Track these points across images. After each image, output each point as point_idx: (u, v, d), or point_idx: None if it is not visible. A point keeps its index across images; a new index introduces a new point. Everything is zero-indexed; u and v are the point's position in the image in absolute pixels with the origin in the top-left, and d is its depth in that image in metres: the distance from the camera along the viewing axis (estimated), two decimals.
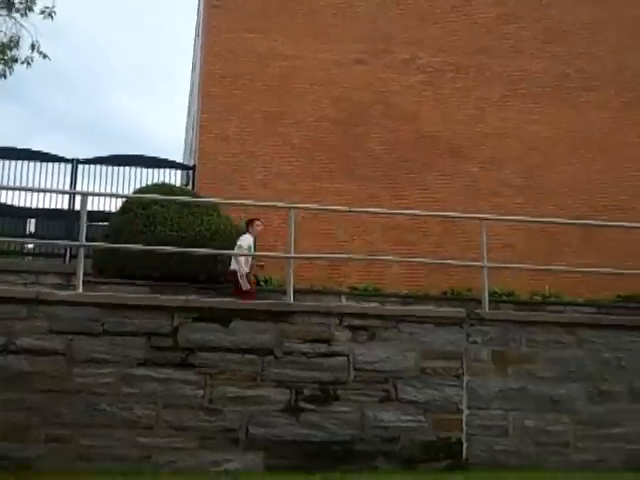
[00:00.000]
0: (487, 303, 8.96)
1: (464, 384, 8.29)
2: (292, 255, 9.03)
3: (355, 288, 13.87)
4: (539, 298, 13.54)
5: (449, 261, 12.68)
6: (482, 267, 9.21)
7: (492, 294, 13.26)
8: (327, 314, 8.30)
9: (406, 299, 12.95)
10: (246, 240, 11.65)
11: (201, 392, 7.74)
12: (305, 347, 8.12)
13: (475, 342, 8.46)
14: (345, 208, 12.62)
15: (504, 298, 12.92)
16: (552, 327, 8.62)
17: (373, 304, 11.65)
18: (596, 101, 16.26)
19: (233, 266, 11.60)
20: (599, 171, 15.89)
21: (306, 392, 7.95)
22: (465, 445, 8.11)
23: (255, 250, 11.71)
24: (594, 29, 16.79)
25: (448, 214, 12.83)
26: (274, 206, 12.29)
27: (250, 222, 11.94)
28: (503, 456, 8.15)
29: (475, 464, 8.02)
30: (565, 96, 16.37)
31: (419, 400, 8.14)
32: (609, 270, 12.20)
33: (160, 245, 11.17)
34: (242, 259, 11.48)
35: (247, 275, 11.55)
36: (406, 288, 14.16)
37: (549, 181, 15.87)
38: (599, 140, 16.06)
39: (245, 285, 11.40)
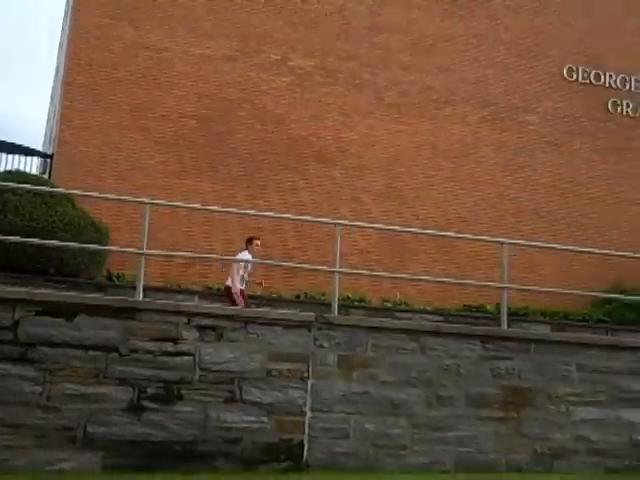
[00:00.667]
0: (336, 308, 9.12)
1: (309, 387, 8.41)
2: (144, 251, 8.91)
3: (210, 288, 13.81)
4: (390, 305, 13.89)
5: (302, 265, 12.83)
6: (333, 272, 9.37)
7: (345, 299, 13.57)
8: (175, 313, 8.24)
9: (260, 301, 13.01)
10: (243, 258, 11.60)
11: (39, 389, 7.51)
12: (151, 345, 8.03)
13: (322, 346, 8.59)
14: (198, 206, 12.53)
15: (356, 304, 13.19)
16: (397, 333, 8.86)
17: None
18: (456, 115, 16.83)
19: (228, 282, 11.63)
20: (455, 184, 16.45)
21: (150, 391, 7.86)
22: (306, 447, 8.22)
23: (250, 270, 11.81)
24: (458, 44, 17.37)
25: (301, 218, 12.97)
26: (129, 201, 12.05)
27: (249, 240, 11.85)
28: (343, 458, 8.31)
29: (315, 466, 8.14)
30: (428, 108, 16.86)
31: (263, 401, 8.20)
32: (456, 280, 12.67)
33: (11, 235, 10.76)
34: (236, 276, 11.48)
35: (242, 292, 11.54)
36: (261, 290, 14.24)
37: (409, 190, 16.31)
38: (457, 153, 16.64)
39: (238, 301, 11.36)
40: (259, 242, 11.85)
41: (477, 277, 14.28)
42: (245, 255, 11.61)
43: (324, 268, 10.93)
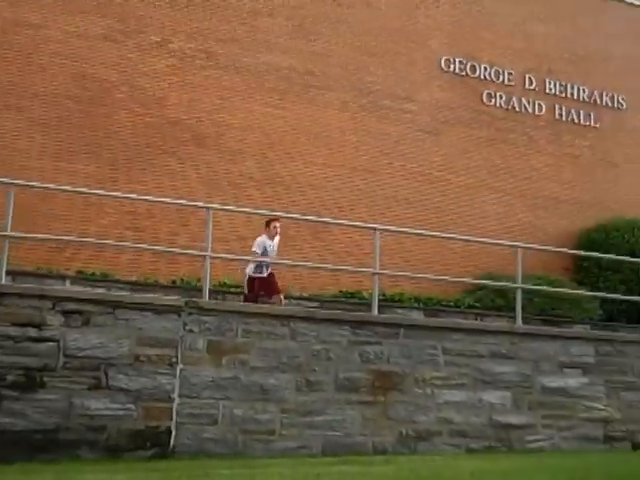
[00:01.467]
0: (207, 292, 9.08)
1: (177, 373, 8.35)
2: (8, 234, 8.64)
3: (82, 272, 13.49)
4: None
5: (175, 250, 12.69)
6: (205, 256, 9.32)
7: (222, 285, 13.52)
8: (40, 297, 8.02)
9: (134, 286, 12.80)
10: (259, 244, 11.16)
11: None
12: (14, 331, 7.80)
13: (192, 331, 8.54)
14: (68, 188, 12.17)
15: (232, 290, 13.14)
16: (267, 319, 8.90)
17: (100, 290, 11.42)
18: (336, 101, 16.95)
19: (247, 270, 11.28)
20: (332, 170, 16.58)
21: (9, 378, 7.63)
22: (174, 434, 8.16)
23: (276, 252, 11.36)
24: (339, 31, 17.46)
25: (176, 202, 12.78)
26: None
27: (268, 223, 11.34)
28: (211, 444, 8.30)
29: (182, 452, 8.10)
30: (308, 94, 16.90)
31: (130, 388, 8.09)
32: (330, 266, 12.84)
33: None
34: (251, 264, 11.16)
35: (260, 279, 11.07)
36: (136, 275, 14.01)
37: (288, 176, 16.33)
38: (336, 139, 16.76)
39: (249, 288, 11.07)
40: (278, 224, 11.33)
41: (353, 264, 14.47)
42: (263, 239, 11.22)
43: (194, 252, 10.86)
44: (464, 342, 9.89)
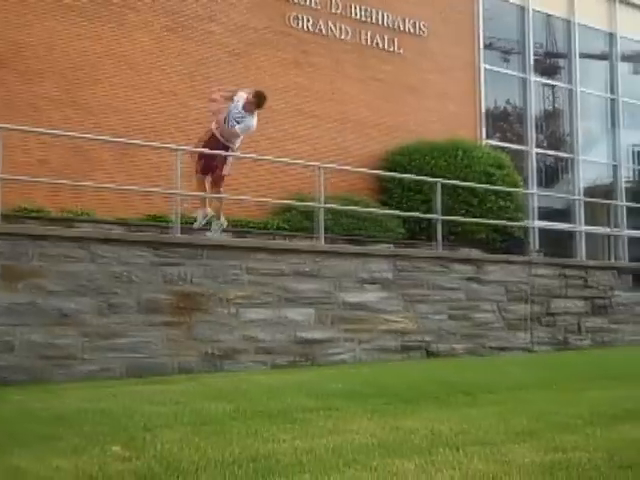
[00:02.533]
0: None
1: None
2: None
3: None
4: (70, 215, 13.46)
5: None
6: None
7: (22, 210, 12.93)
8: None
9: None
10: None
11: None
12: None
13: None
14: None
15: (34, 214, 12.62)
16: (64, 242, 8.63)
17: None
18: (140, 22, 16.35)
19: None
20: (138, 93, 16.05)
21: None
22: None
23: None
24: None
25: None
26: None
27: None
28: (7, 372, 8.02)
29: None
30: (112, 14, 16.19)
31: None
32: (140, 189, 12.61)
33: None
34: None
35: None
36: None
37: (92, 99, 15.69)
38: (142, 62, 16.22)
39: None
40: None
41: (163, 187, 14.20)
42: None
43: None
44: (268, 261, 10.05)
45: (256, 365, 9.64)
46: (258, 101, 11.40)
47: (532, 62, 21.89)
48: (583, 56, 23.09)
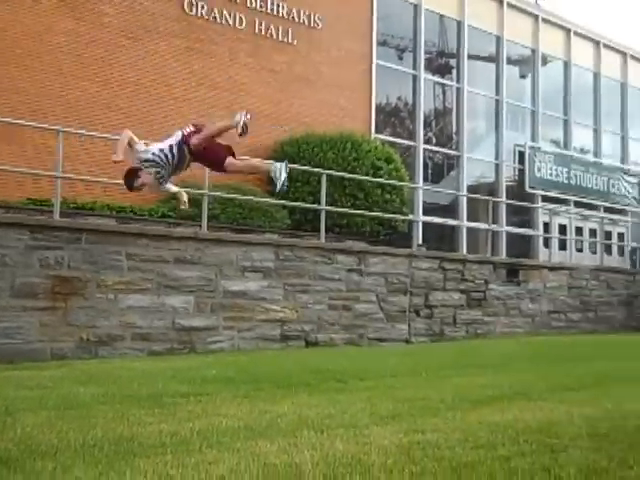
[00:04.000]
0: None
1: None
2: None
3: None
4: None
5: None
6: None
7: None
8: None
9: None
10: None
11: None
12: None
13: None
14: None
15: None
16: None
17: None
18: (30, 1, 15.81)
19: None
20: (24, 72, 15.55)
21: None
22: None
23: None
24: None
25: None
26: None
27: None
28: None
29: None
30: None
31: None
32: (15, 169, 12.25)
33: None
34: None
35: None
36: None
37: None
38: (29, 40, 15.69)
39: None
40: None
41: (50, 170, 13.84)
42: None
43: None
44: (149, 248, 9.95)
45: (133, 352, 9.54)
46: None
47: (424, 60, 22.36)
48: (472, 57, 23.77)
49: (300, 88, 19.34)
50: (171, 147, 7.14)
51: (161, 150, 7.11)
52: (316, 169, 14.58)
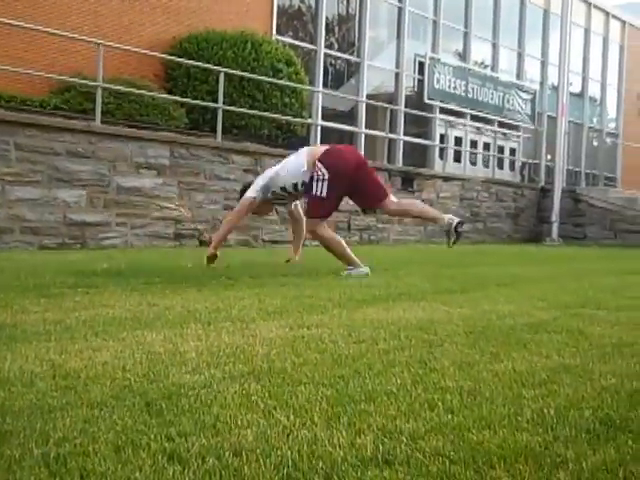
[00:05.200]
0: None
1: None
2: None
3: None
4: None
5: None
6: None
7: None
8: None
9: None
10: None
11: None
12: None
13: None
14: None
15: None
16: None
17: None
18: None
19: None
20: None
21: None
22: None
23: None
24: None
25: None
26: None
27: None
28: None
29: None
30: None
31: None
32: None
33: None
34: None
35: None
36: None
37: None
38: None
39: None
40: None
41: None
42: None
43: None
44: (39, 139, 9.65)
45: (23, 245, 9.36)
46: None
47: None
48: None
49: None
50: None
51: None
52: (215, 67, 14.29)
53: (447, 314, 5.01)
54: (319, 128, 20.23)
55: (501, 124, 27.28)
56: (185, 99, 14.74)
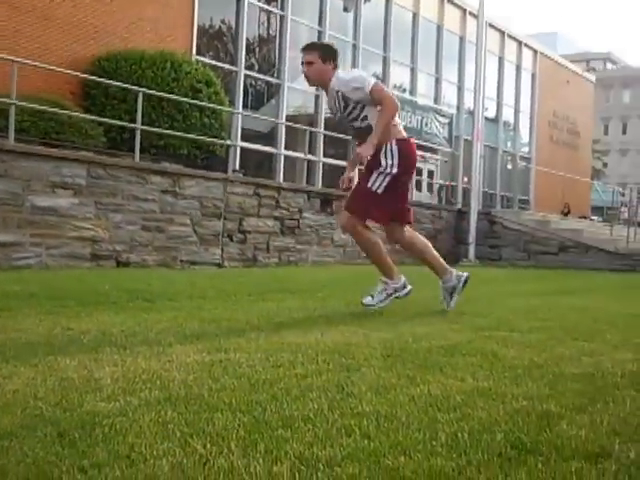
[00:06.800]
0: None
1: None
2: None
3: None
4: None
5: None
6: None
7: None
8: None
9: None
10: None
11: None
12: None
13: None
14: None
15: None
16: None
17: None
18: None
19: None
20: None
21: None
22: None
23: None
24: None
25: None
26: None
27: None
28: None
29: None
30: None
31: None
32: None
33: None
34: None
35: None
36: None
37: None
38: None
39: None
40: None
41: None
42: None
43: None
44: None
45: None
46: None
47: None
48: None
49: (121, 2, 18.53)
50: None
51: None
52: (133, 87, 14.15)
53: (365, 337, 5.05)
54: (238, 149, 20.23)
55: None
56: (103, 118, 14.51)
